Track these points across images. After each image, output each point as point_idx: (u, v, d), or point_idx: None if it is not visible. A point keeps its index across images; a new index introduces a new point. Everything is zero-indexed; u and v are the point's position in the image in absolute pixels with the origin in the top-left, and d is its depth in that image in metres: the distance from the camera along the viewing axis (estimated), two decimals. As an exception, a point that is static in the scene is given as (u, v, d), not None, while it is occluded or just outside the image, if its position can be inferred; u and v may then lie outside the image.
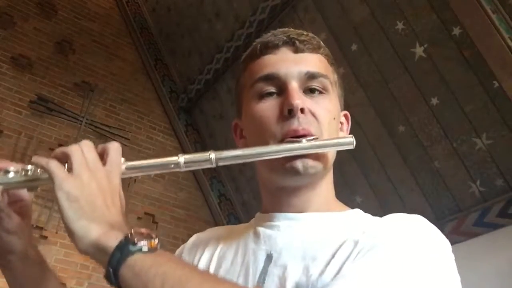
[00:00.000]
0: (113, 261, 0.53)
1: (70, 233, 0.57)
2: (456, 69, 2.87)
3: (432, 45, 2.97)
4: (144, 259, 0.53)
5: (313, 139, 0.68)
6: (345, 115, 0.81)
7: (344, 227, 0.67)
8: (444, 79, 2.94)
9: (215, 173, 4.73)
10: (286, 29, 0.77)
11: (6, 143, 3.87)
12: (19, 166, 0.66)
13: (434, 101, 2.99)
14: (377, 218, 0.69)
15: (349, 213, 0.73)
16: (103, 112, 4.50)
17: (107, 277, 0.54)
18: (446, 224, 2.92)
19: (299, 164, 0.68)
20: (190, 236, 0.88)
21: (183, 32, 4.98)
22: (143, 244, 0.54)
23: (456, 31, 2.83)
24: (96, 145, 0.65)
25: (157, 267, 0.52)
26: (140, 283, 0.52)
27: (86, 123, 4.28)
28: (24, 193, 0.70)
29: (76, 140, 4.25)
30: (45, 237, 3.65)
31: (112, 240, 0.55)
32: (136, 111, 4.75)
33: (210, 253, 0.77)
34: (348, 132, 0.80)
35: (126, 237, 0.55)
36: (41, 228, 3.66)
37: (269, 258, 0.68)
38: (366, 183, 3.36)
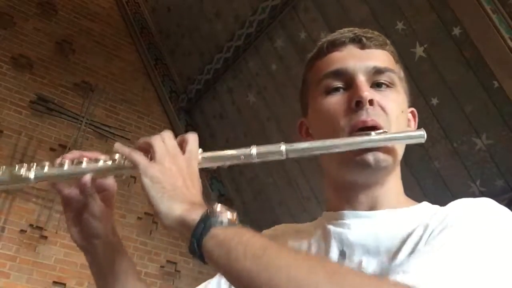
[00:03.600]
0: (197, 233, 0.57)
1: (156, 211, 0.62)
2: (456, 69, 2.87)
3: (432, 45, 2.97)
4: (226, 230, 0.57)
5: (382, 132, 0.67)
6: (412, 112, 0.80)
7: (414, 220, 0.67)
8: (444, 79, 2.94)
9: (215, 173, 4.73)
10: (352, 28, 0.77)
11: (6, 143, 3.87)
12: (107, 156, 0.71)
13: (434, 101, 2.99)
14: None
15: (418, 207, 0.72)
16: (103, 112, 4.50)
17: (191, 248, 0.58)
18: (446, 224, 2.92)
19: (370, 157, 0.67)
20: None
21: (183, 32, 4.98)
22: (225, 217, 0.58)
23: (456, 31, 2.83)
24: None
25: (239, 237, 0.55)
26: (223, 252, 0.55)
27: (86, 123, 4.28)
28: (109, 182, 0.76)
29: (76, 140, 4.26)
30: (45, 237, 3.65)
31: (195, 215, 0.59)
32: (136, 111, 4.75)
33: None
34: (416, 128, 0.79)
35: (208, 211, 0.58)
36: (41, 228, 3.66)
37: (342, 255, 0.68)
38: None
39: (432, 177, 3.08)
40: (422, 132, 0.68)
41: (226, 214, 0.58)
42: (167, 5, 5.15)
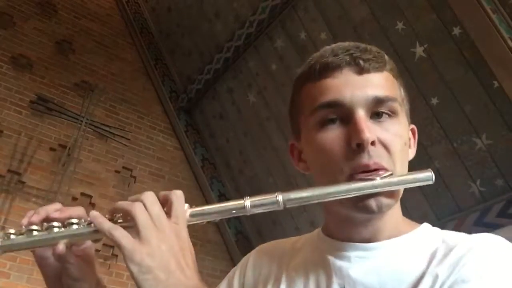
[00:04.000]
0: None
1: None
2: (456, 69, 2.87)
3: (432, 45, 2.97)
4: None
5: (387, 176, 0.63)
6: (412, 130, 0.75)
7: (418, 252, 0.65)
8: (444, 79, 2.94)
9: (215, 173, 4.73)
10: (347, 43, 0.71)
11: (6, 143, 3.87)
12: (82, 214, 0.64)
13: (434, 101, 2.99)
14: (448, 236, 0.67)
15: (418, 231, 0.69)
16: (103, 112, 4.50)
17: None
18: (446, 224, 2.92)
19: (372, 203, 0.63)
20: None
21: (183, 32, 4.98)
22: None
23: (456, 31, 2.83)
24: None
25: None
26: None
27: (86, 123, 4.28)
28: (86, 244, 0.70)
29: (76, 140, 4.23)
30: (45, 237, 3.65)
31: None
32: (136, 111, 4.75)
33: (277, 275, 0.75)
34: (416, 146, 0.75)
35: None
36: (41, 228, 3.66)
37: None
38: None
39: (432, 177, 3.08)
40: (430, 174, 0.63)
41: None
42: (167, 5, 5.15)
